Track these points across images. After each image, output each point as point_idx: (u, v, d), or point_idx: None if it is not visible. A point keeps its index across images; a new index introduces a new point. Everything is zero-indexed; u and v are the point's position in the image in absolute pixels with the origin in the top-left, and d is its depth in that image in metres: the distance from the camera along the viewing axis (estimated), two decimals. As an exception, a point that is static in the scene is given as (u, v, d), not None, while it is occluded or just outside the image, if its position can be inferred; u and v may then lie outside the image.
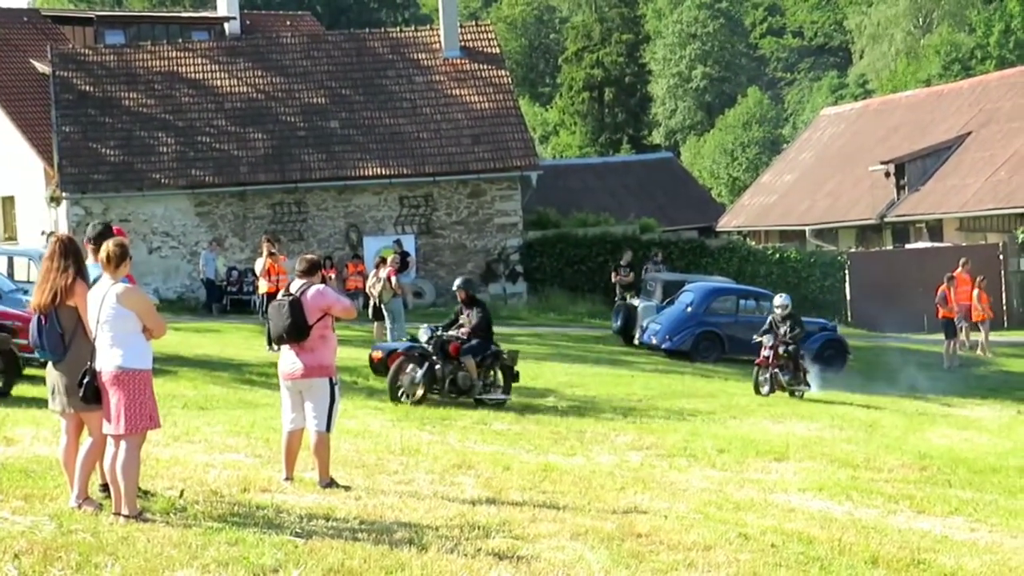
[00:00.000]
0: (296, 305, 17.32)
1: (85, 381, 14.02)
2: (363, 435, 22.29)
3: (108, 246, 14.46)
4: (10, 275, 35.26)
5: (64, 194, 54.11)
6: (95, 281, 14.61)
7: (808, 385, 36.20)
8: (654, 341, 43.48)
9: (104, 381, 14.06)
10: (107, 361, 14.13)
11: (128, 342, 14.30)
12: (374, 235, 54.82)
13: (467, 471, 19.27)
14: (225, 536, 13.59)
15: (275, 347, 17.89)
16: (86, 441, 14.66)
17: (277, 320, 17.54)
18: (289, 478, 17.49)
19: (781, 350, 35.71)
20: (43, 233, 55.90)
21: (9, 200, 62.22)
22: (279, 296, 18.00)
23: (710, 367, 41.21)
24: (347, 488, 17.27)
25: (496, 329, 45.43)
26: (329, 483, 17.33)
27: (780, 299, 37.33)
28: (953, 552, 15.38)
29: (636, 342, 45.69)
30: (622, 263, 50.84)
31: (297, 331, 17.31)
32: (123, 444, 14.18)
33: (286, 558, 12.75)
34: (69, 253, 14.83)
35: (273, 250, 39.15)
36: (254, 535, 13.75)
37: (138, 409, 14.35)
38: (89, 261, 14.92)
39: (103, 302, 14.18)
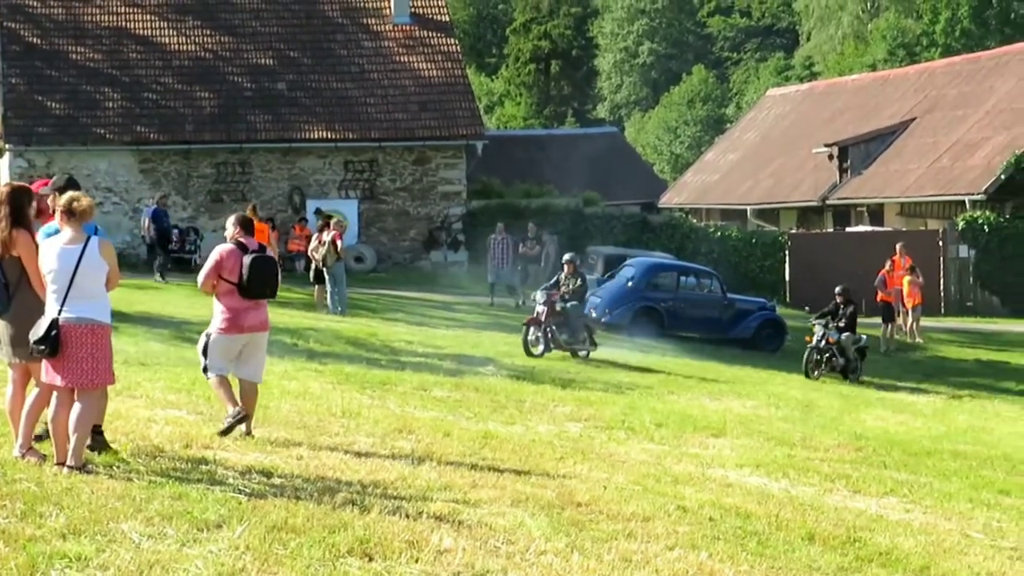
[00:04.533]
0: (271, 261, 18.16)
1: (51, 334, 14.02)
2: (304, 396, 22.36)
3: (81, 200, 14.48)
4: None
5: (8, 146, 53.93)
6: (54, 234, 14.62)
7: (594, 345, 36.29)
8: (593, 314, 43.63)
9: (67, 334, 14.09)
10: (75, 314, 14.17)
11: (98, 296, 14.39)
12: (318, 198, 54.82)
13: (407, 435, 19.34)
14: (168, 490, 13.62)
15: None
16: (32, 392, 14.71)
17: (268, 274, 18.03)
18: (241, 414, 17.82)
19: (558, 306, 35.88)
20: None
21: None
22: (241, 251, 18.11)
23: (649, 342, 41.15)
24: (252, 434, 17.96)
25: (435, 297, 45.77)
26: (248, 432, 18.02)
27: (567, 256, 38.21)
28: (888, 531, 15.51)
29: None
30: (529, 236, 50.59)
31: (274, 285, 18.21)
32: (83, 397, 14.25)
33: (229, 514, 12.77)
34: (6, 203, 14.87)
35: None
36: (197, 490, 13.79)
37: (102, 363, 14.49)
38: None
39: (80, 256, 14.20)
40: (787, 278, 59.26)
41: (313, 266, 43.00)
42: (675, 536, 13.95)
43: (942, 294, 56.03)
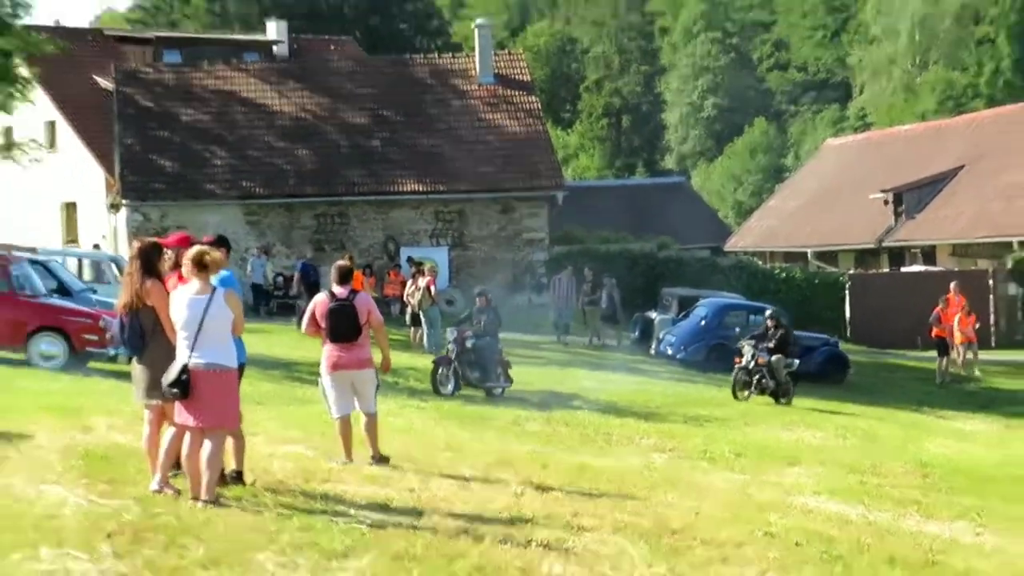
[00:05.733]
0: (351, 308, 18.16)
1: (183, 378, 14.14)
2: (409, 432, 22.37)
3: (211, 253, 14.64)
4: (79, 275, 35.27)
5: (124, 201, 54.23)
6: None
7: (509, 381, 34.06)
8: (670, 352, 43.49)
9: (197, 377, 14.18)
10: (204, 359, 14.27)
11: (225, 342, 14.50)
12: (410, 246, 54.90)
13: (507, 467, 19.33)
14: (296, 522, 13.68)
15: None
16: (167, 430, 14.80)
17: (342, 322, 18.27)
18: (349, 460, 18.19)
19: (468, 343, 34.79)
20: (103, 238, 56.10)
21: (71, 206, 62.41)
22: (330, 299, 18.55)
23: (721, 376, 40.96)
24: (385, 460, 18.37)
25: (522, 337, 45.70)
26: (377, 459, 18.34)
27: (478, 289, 38.17)
28: (963, 554, 15.41)
29: (652, 352, 45.75)
30: (587, 279, 50.39)
31: (355, 329, 18.21)
32: (212, 436, 14.35)
33: (354, 544, 12.83)
34: (138, 257, 15.05)
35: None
36: (322, 522, 13.84)
37: (230, 405, 14.65)
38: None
39: (207, 305, 14.33)
40: (847, 316, 59.07)
41: (409, 309, 43.19)
42: (766, 561, 13.93)
43: (993, 329, 55.60)
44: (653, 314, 48.38)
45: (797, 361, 37.40)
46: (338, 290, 18.59)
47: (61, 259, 36.91)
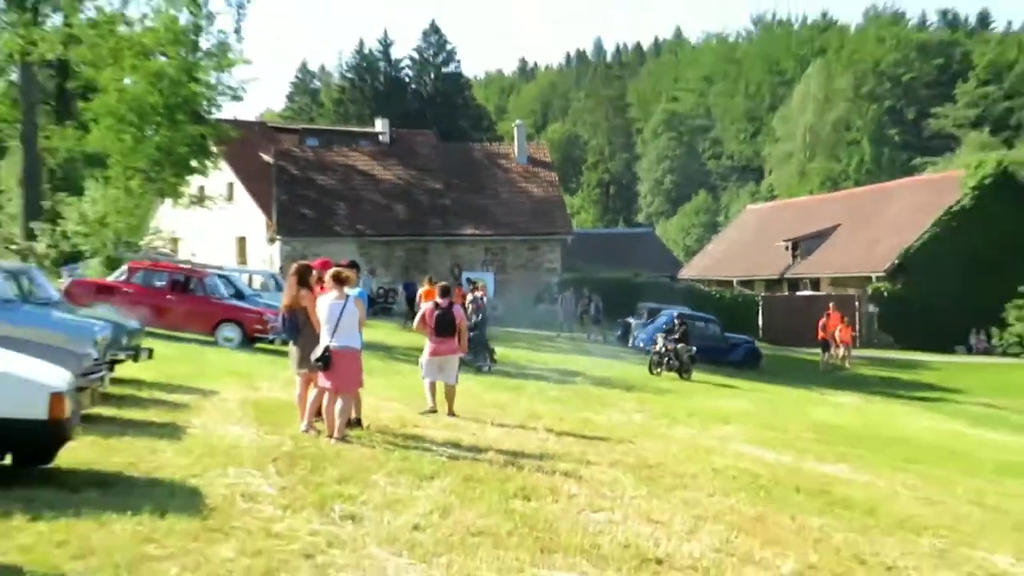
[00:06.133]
0: (451, 314, 18.68)
1: (326, 356, 14.20)
2: (469, 395, 22.20)
3: (346, 272, 14.95)
4: (247, 286, 35.30)
5: (279, 237, 54.26)
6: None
7: (494, 362, 31.87)
8: (641, 345, 43.25)
9: (335, 355, 14.23)
10: (339, 343, 14.33)
11: (353, 332, 14.59)
12: (470, 271, 54.68)
13: (536, 420, 19.25)
14: (397, 454, 13.70)
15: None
16: (312, 390, 14.80)
17: (446, 322, 18.80)
18: (434, 410, 18.48)
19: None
20: (262, 261, 56.14)
21: (243, 239, 62.38)
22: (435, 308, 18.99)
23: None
24: (456, 415, 18.42)
25: (541, 332, 45.57)
26: (451, 414, 18.36)
27: (470, 295, 34.58)
28: (845, 486, 15.32)
29: (630, 345, 45.50)
30: (584, 295, 50.39)
31: (452, 328, 18.66)
32: (343, 396, 14.52)
33: (437, 469, 12.81)
34: (294, 274, 15.19)
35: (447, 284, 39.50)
36: (415, 454, 13.82)
37: (356, 375, 14.72)
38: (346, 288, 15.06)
39: (341, 306, 14.41)
40: (760, 323, 58.90)
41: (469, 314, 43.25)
42: (713, 487, 13.88)
43: (857, 335, 55.33)
44: (631, 320, 48.20)
45: (695, 348, 36.66)
46: (442, 301, 19.04)
47: (238, 275, 36.90)
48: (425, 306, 19.49)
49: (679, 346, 35.76)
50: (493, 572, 8.80)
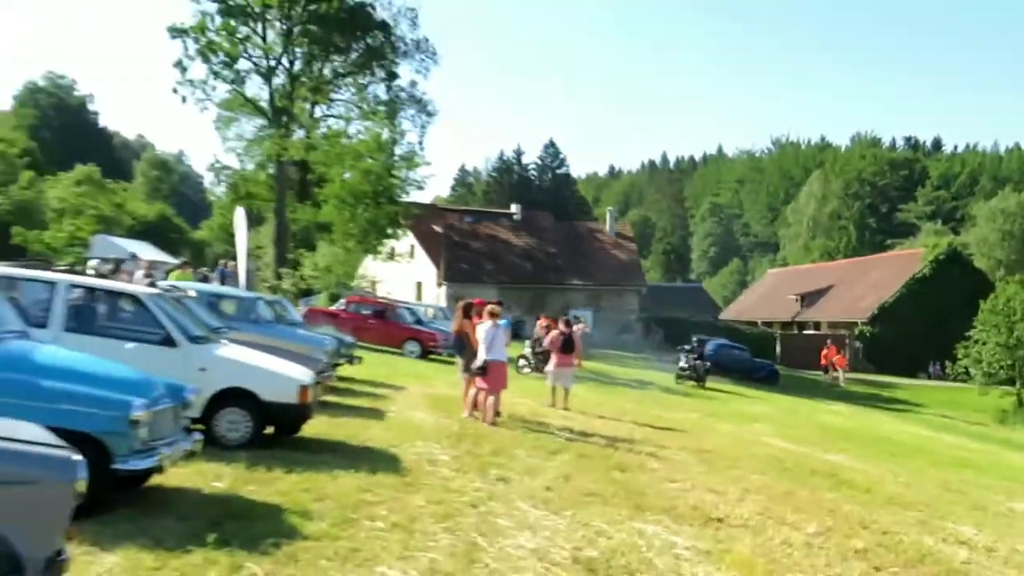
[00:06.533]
0: (571, 338, 18.76)
1: (483, 365, 14.07)
2: (576, 396, 21.87)
3: (496, 308, 14.74)
4: (424, 315, 35.25)
5: (446, 283, 54.47)
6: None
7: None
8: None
9: (490, 365, 14.09)
10: (492, 357, 14.21)
11: (503, 349, 14.48)
12: (575, 308, 54.07)
13: (625, 414, 18.92)
14: (531, 436, 13.44)
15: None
16: (472, 390, 14.67)
17: (570, 344, 18.69)
18: (553, 405, 18.24)
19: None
20: (435, 299, 56.39)
21: (420, 283, 62.45)
22: (561, 334, 18.97)
23: (719, 377, 39.89)
24: (569, 409, 17.95)
25: (624, 354, 44.82)
26: (566, 408, 17.99)
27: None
28: (848, 471, 14.65)
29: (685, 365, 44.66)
30: (653, 331, 49.54)
31: (571, 347, 18.57)
32: (494, 393, 14.32)
33: (559, 448, 12.55)
34: (462, 309, 15.11)
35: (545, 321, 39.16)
36: (543, 436, 13.59)
37: (503, 379, 14.52)
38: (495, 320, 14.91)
39: (494, 332, 14.27)
40: (778, 352, 57.52)
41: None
42: (753, 467, 13.38)
43: (849, 362, 53.65)
44: (686, 347, 47.24)
45: (710, 364, 35.64)
46: (565, 329, 19.02)
47: (417, 308, 37.00)
48: (553, 333, 19.41)
49: (697, 362, 34.79)
50: (603, 522, 8.56)
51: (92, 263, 24.24)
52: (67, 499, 4.35)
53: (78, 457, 4.47)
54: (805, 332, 64.47)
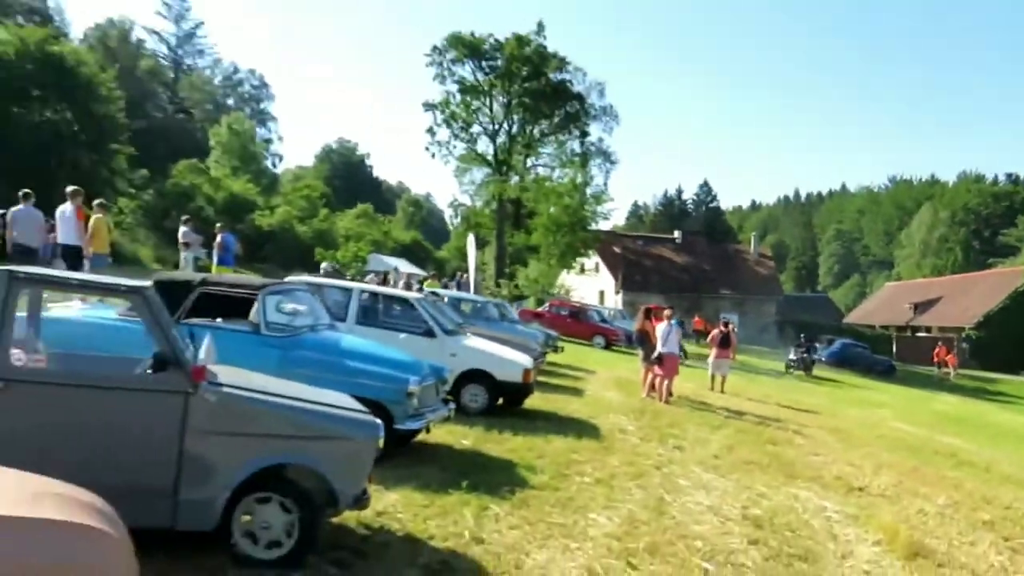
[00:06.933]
0: (729, 335, 18.06)
1: (659, 356, 13.66)
2: (728, 382, 21.00)
3: (670, 313, 14.28)
4: (607, 316, 34.64)
5: (622, 291, 53.81)
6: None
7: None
8: (823, 359, 39.49)
9: (664, 356, 13.66)
10: (667, 349, 13.75)
11: (675, 344, 13.97)
12: (726, 313, 52.18)
13: (769, 398, 17.93)
14: (697, 414, 12.88)
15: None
16: (650, 375, 14.27)
17: (725, 340, 17.87)
18: (713, 389, 17.41)
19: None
20: (614, 304, 55.78)
21: (602, 291, 61.69)
22: (720, 333, 18.15)
23: (846, 371, 37.35)
24: (724, 392, 17.02)
25: (766, 349, 42.52)
26: (722, 392, 16.96)
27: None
28: (964, 452, 13.22)
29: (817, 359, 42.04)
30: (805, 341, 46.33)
31: (728, 343, 17.90)
32: (668, 377, 13.81)
33: (720, 424, 11.99)
34: (644, 312, 14.65)
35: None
36: (707, 414, 13.00)
37: (675, 367, 14.01)
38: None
39: (669, 330, 13.85)
40: (894, 351, 53.33)
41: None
42: (882, 445, 12.35)
43: (958, 361, 49.15)
44: (817, 345, 44.23)
45: (816, 356, 32.71)
46: (723, 328, 18.31)
47: (603, 310, 36.54)
48: (715, 332, 18.64)
49: (804, 355, 32.29)
50: (763, 486, 8.09)
51: (368, 276, 25.63)
52: (371, 452, 4.46)
53: (379, 421, 4.58)
54: (918, 335, 59.61)
